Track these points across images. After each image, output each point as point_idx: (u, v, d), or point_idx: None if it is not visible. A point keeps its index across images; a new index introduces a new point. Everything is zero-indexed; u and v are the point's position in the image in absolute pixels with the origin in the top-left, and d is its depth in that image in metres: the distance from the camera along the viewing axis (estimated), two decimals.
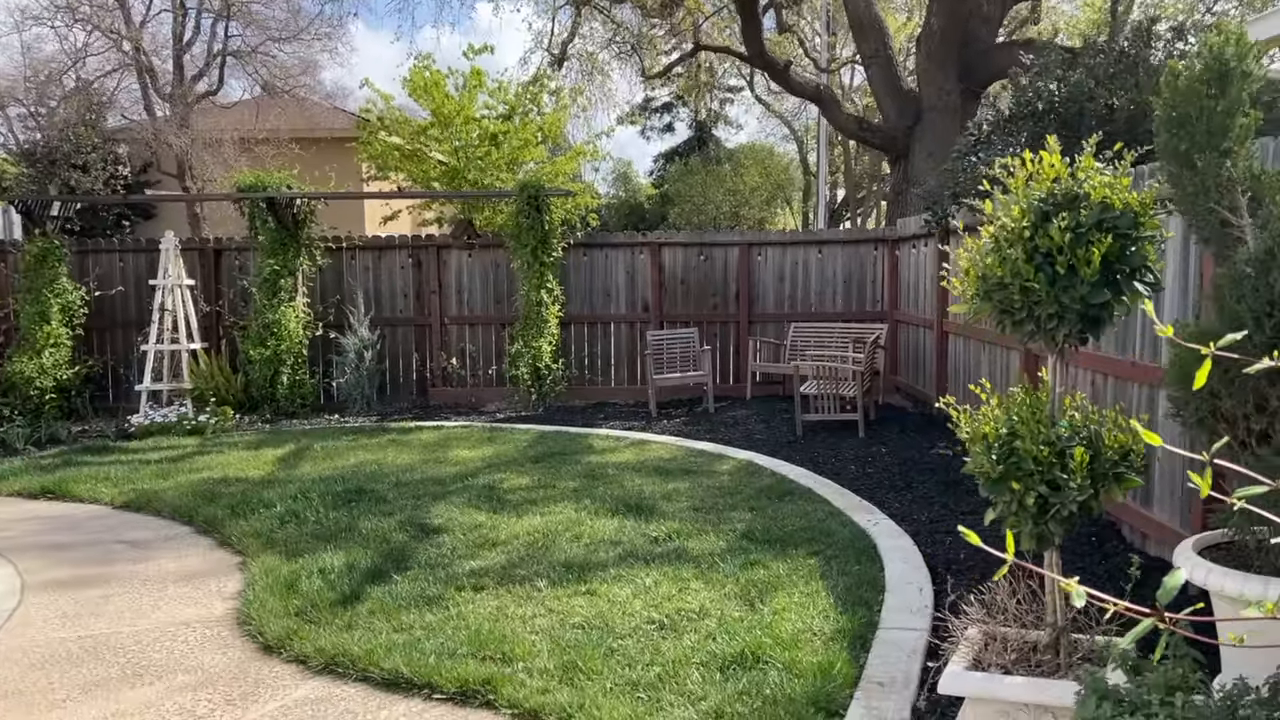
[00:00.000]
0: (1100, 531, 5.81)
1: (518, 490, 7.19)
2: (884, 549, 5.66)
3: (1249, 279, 2.77)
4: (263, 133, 21.42)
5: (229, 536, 6.13)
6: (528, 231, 11.18)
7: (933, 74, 14.12)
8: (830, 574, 5.18)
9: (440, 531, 6.09)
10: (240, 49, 29.35)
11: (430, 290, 12.30)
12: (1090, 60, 8.49)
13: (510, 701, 3.80)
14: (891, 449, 8.56)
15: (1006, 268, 3.06)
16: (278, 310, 11.25)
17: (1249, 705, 2.39)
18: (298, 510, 6.48)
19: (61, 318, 11.32)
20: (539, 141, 15.40)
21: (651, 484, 7.32)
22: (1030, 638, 3.37)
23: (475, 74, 14.77)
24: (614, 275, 12.26)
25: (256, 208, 11.36)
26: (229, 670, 4.21)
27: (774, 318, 12.18)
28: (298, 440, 9.46)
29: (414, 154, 15.19)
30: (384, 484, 7.37)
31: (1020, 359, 7.42)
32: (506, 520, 6.32)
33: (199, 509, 6.73)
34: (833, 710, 3.67)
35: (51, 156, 17.91)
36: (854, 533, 5.96)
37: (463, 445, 9.03)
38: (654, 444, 9.04)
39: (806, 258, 12.21)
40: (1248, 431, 2.89)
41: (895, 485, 7.27)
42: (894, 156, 15.21)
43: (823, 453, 8.48)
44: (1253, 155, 3.03)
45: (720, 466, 7.98)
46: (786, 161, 36.58)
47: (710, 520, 6.28)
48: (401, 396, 12.32)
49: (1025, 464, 3.05)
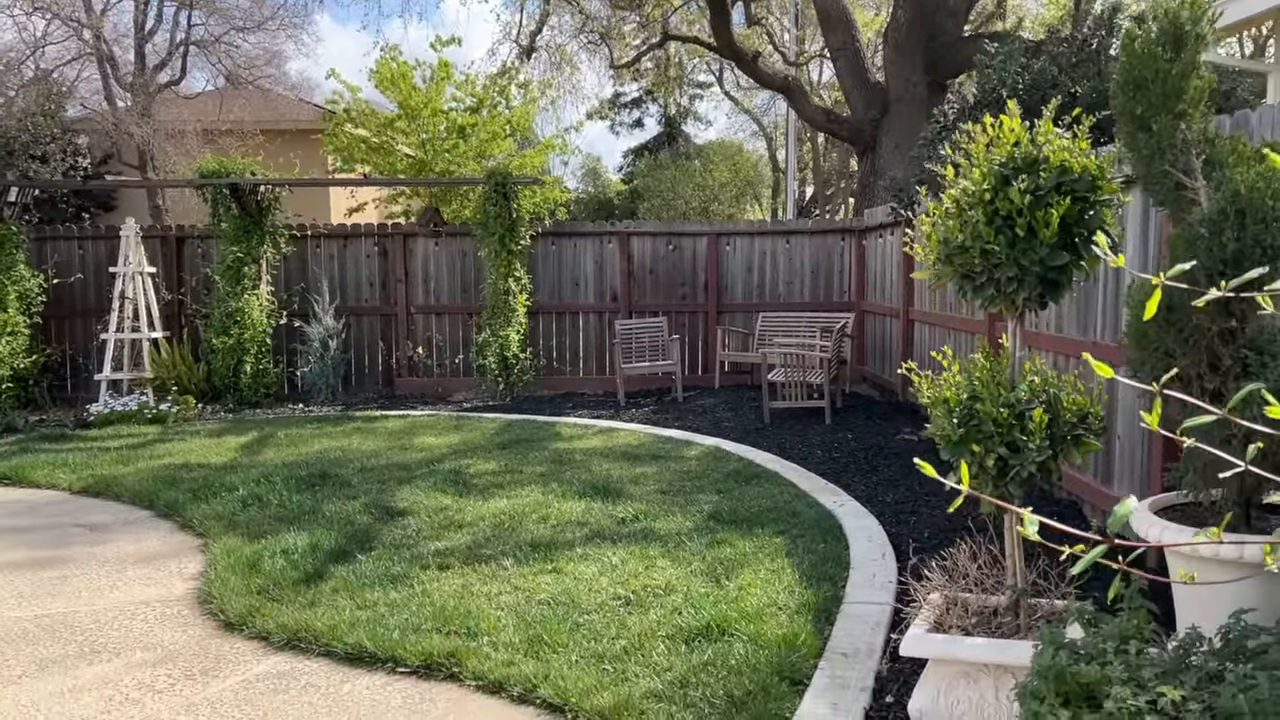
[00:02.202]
0: (1063, 511, 5.89)
1: (484, 475, 7.15)
2: (849, 529, 5.69)
3: (1203, 239, 2.81)
4: (226, 124, 21.16)
5: (190, 520, 6.05)
6: (495, 220, 11.12)
7: (900, 66, 14.23)
8: (796, 552, 5.20)
9: (406, 514, 6.04)
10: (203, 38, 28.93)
11: (396, 279, 12.21)
12: (1053, 49, 8.60)
13: (475, 674, 3.78)
14: (858, 435, 8.61)
15: (968, 231, 3.09)
16: (241, 298, 11.12)
17: (1201, 655, 2.43)
18: (260, 494, 6.40)
19: (18, 305, 11.10)
20: (507, 134, 15.33)
21: (619, 469, 7.31)
22: (991, 602, 3.41)
23: (443, 66, 14.66)
24: (582, 265, 12.24)
25: (220, 194, 11.21)
26: (189, 647, 4.15)
27: (743, 308, 12.22)
28: (261, 428, 9.36)
29: (381, 146, 15.04)
30: (349, 469, 7.31)
31: (986, 341, 7.49)
32: (473, 503, 6.28)
33: (160, 493, 6.63)
34: (797, 679, 3.68)
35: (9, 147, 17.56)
36: (820, 513, 5.99)
37: (429, 433, 8.97)
38: (622, 431, 9.04)
39: (775, 248, 12.26)
40: (1201, 390, 2.94)
41: (861, 469, 7.31)
42: (862, 149, 15.31)
43: (790, 439, 8.52)
44: (1208, 117, 3.08)
45: (688, 452, 7.99)
46: (756, 158, 36.72)
47: (677, 502, 6.28)
48: (367, 386, 12.22)
49: (985, 426, 3.08)
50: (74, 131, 19.50)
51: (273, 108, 23.94)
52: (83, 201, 17.63)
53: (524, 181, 11.46)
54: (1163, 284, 1.63)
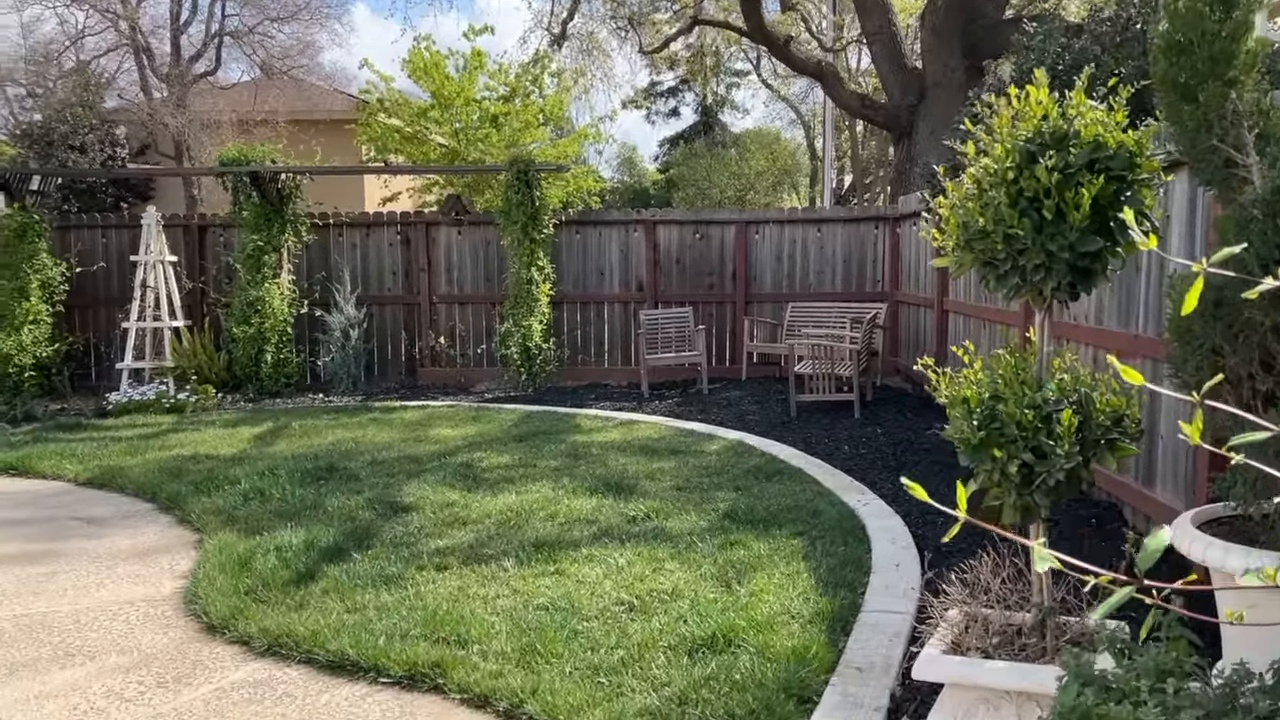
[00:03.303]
0: (1101, 513, 5.54)
1: (496, 469, 6.94)
2: (872, 529, 5.40)
3: (1256, 222, 2.49)
4: (261, 114, 21.22)
5: (190, 513, 5.89)
6: (517, 208, 10.89)
7: (937, 50, 13.77)
8: (814, 554, 4.92)
9: (409, 510, 5.84)
10: (238, 29, 29.09)
11: (419, 268, 12.03)
12: (1096, 29, 8.17)
13: (460, 685, 3.55)
14: (887, 430, 8.28)
15: (989, 214, 2.78)
16: (261, 287, 11.01)
17: (1251, 693, 2.12)
18: (263, 488, 6.24)
19: (41, 294, 11.09)
20: (540, 123, 15.19)
21: (636, 463, 7.06)
22: (1015, 619, 3.11)
23: (476, 55, 14.61)
24: (607, 254, 11.98)
25: (240, 182, 11.09)
26: (167, 651, 3.97)
27: (771, 298, 11.89)
28: (277, 419, 9.23)
29: (414, 136, 15.02)
30: (358, 461, 7.13)
31: (1020, 335, 7.13)
32: (480, 499, 6.07)
33: (163, 485, 6.49)
34: (805, 697, 3.42)
35: (49, 137, 17.71)
36: (842, 513, 5.69)
37: (445, 424, 8.78)
38: (643, 424, 8.78)
39: (805, 236, 11.91)
40: (1253, 393, 2.62)
41: (889, 466, 7.00)
42: (898, 135, 14.87)
43: (816, 433, 8.21)
44: (1261, 86, 2.74)
45: (709, 446, 7.72)
46: (793, 147, 36.21)
47: (693, 500, 6.02)
48: (389, 376, 12.08)
49: (1008, 429, 2.78)
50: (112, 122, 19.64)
51: (306, 98, 23.96)
52: (120, 191, 17.69)
53: (546, 169, 11.21)
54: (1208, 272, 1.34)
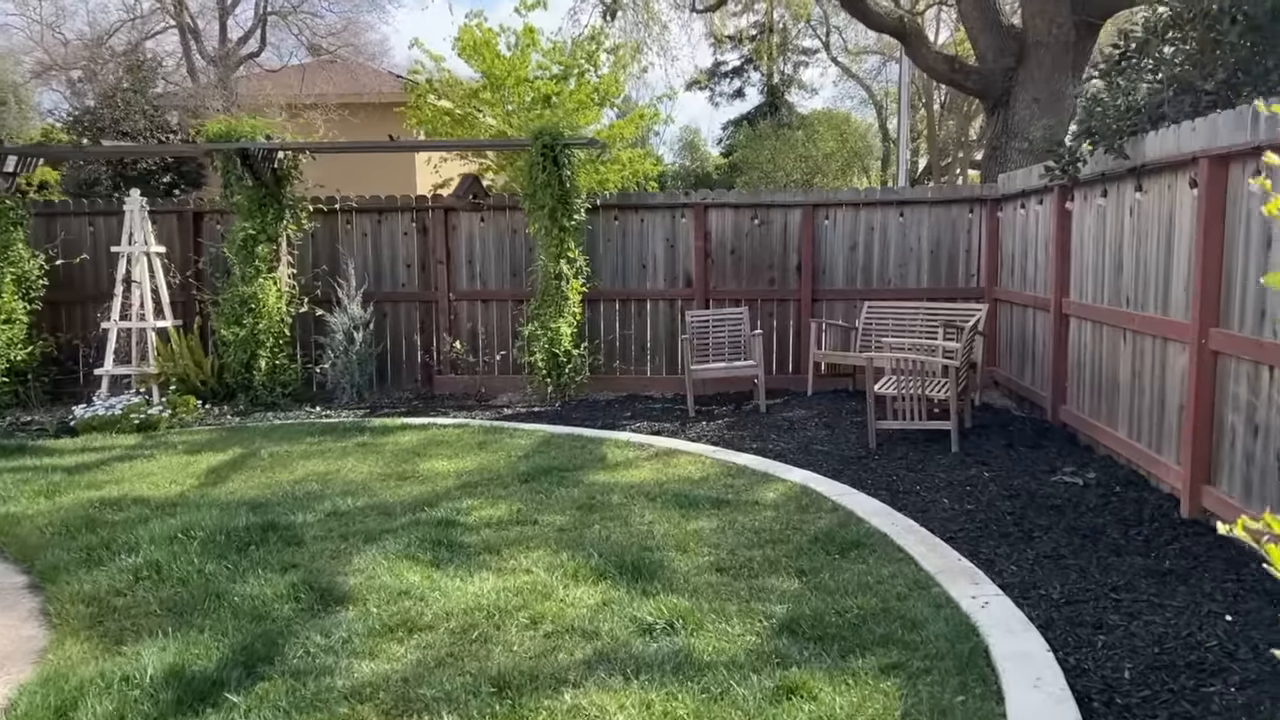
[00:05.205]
0: None
1: (483, 528, 5.31)
2: (1000, 657, 3.63)
3: None
4: (309, 98, 20.22)
5: (55, 599, 4.36)
6: (543, 189, 9.23)
7: (1041, 3, 11.71)
8: (918, 711, 3.19)
9: (345, 602, 4.23)
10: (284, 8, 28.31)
11: (437, 260, 10.47)
12: None
13: None
14: (996, 472, 6.44)
15: None
16: (254, 282, 9.55)
17: None
18: (163, 561, 4.66)
19: (15, 290, 9.80)
20: (596, 103, 13.83)
21: (666, 522, 5.37)
22: None
23: (528, 31, 13.37)
24: (650, 243, 10.26)
25: (230, 161, 9.63)
26: None
27: (843, 295, 10.05)
28: (251, 442, 7.73)
29: (464, 119, 13.97)
30: (312, 513, 5.55)
31: (1191, 353, 5.24)
32: (447, 582, 4.43)
33: (49, 550, 4.98)
34: None
35: (99, 124, 16.77)
36: (953, 623, 3.93)
37: (442, 454, 7.19)
38: (683, 456, 7.08)
39: (885, 221, 10.04)
40: None
41: (1007, 532, 5.19)
42: (991, 104, 12.81)
43: (903, 475, 6.42)
44: None
45: (765, 494, 5.99)
46: (864, 128, 33.96)
47: (737, 592, 4.31)
48: (404, 384, 10.56)
49: None
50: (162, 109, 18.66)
51: (354, 81, 22.81)
52: (173, 178, 16.62)
53: (576, 143, 9.50)
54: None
